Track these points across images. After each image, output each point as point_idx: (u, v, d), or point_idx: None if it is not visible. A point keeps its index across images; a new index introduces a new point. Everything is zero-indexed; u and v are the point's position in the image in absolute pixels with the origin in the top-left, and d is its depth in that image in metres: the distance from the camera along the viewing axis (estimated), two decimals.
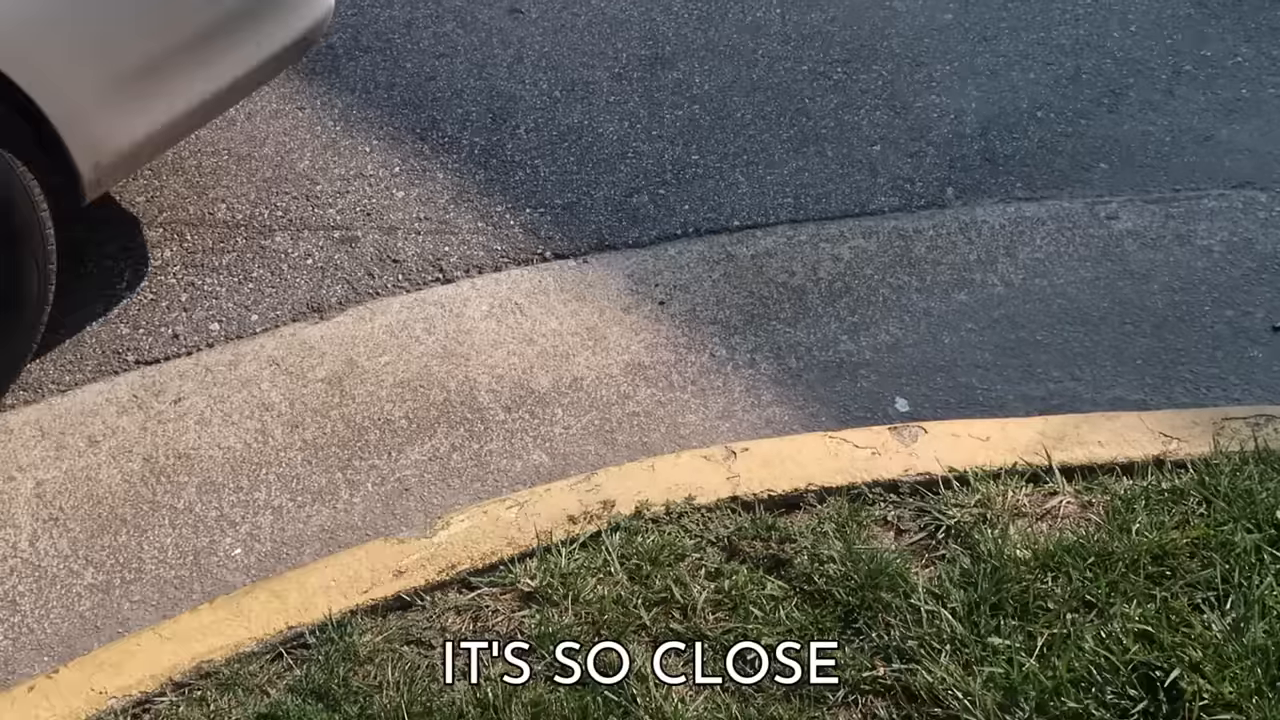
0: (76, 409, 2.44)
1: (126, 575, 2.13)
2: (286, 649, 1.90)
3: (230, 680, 1.85)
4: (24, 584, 2.11)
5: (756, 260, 2.76)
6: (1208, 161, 2.99)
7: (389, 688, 1.80)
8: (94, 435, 2.38)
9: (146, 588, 2.11)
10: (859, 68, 3.35)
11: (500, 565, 2.00)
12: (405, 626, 1.91)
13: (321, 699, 1.79)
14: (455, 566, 2.01)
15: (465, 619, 1.93)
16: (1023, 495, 2.05)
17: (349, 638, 1.88)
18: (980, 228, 2.82)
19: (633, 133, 3.15)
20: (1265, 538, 1.91)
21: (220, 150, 3.13)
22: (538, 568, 1.98)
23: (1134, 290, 2.62)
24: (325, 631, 1.91)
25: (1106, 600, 1.83)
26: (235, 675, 1.85)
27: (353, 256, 2.81)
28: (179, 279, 2.75)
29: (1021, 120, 3.15)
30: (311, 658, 1.87)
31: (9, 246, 2.20)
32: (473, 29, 3.56)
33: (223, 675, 1.86)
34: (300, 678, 1.84)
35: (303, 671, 1.85)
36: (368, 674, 1.83)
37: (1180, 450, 2.11)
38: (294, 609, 1.96)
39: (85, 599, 2.09)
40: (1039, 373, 2.44)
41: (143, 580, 2.12)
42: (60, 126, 2.15)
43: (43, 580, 2.12)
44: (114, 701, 1.83)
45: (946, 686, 1.74)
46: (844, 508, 2.04)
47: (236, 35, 2.40)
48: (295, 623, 1.93)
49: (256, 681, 1.85)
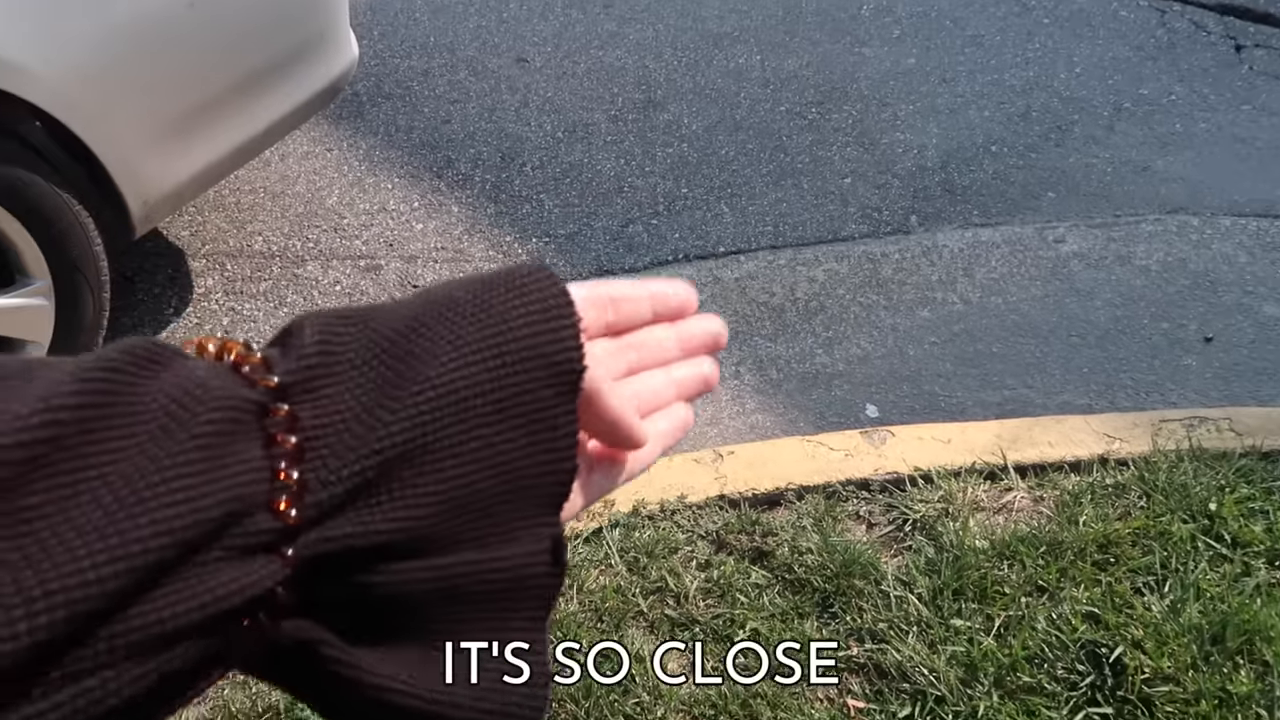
0: None
1: None
2: None
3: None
4: None
5: (740, 282, 2.78)
6: (1145, 190, 3.01)
7: None
8: None
9: None
10: (831, 108, 3.38)
11: None
12: None
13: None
14: None
15: None
16: (981, 491, 2.06)
17: None
18: (941, 251, 2.83)
19: (628, 169, 3.17)
20: (1199, 527, 1.92)
21: (257, 188, 3.14)
22: None
23: (1080, 306, 2.63)
24: None
25: (1057, 585, 1.84)
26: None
27: (377, 283, 2.82)
28: (220, 305, 2.76)
29: (977, 154, 3.17)
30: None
31: (67, 276, 2.21)
32: (483, 77, 3.58)
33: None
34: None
35: None
36: None
37: (1122, 449, 2.12)
38: None
39: None
40: (995, 381, 2.45)
41: None
42: (112, 169, 2.16)
43: None
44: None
45: (914, 664, 1.75)
46: (820, 504, 2.05)
47: (270, 85, 2.42)
48: None
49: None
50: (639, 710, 1.72)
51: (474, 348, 0.41)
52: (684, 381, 0.51)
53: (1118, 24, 3.72)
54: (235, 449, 0.35)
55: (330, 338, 0.39)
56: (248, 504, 0.35)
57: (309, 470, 0.36)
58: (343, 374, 0.39)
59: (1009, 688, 1.70)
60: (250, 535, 0.35)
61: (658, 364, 0.51)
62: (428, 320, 0.42)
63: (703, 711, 1.72)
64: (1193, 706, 1.64)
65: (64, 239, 2.17)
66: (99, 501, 0.32)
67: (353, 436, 0.38)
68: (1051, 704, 1.67)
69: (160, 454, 0.33)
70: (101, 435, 0.33)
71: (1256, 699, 1.64)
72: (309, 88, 2.51)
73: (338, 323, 0.40)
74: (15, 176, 2.07)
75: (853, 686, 1.75)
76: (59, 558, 0.30)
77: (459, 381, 0.40)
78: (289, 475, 0.36)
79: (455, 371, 0.40)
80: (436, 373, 0.40)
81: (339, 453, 0.37)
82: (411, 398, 0.39)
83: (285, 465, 0.36)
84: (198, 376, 0.36)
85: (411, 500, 0.38)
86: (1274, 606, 1.77)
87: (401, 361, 0.40)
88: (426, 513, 0.39)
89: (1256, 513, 1.95)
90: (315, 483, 0.36)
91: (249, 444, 0.36)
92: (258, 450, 0.36)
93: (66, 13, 2.01)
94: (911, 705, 1.70)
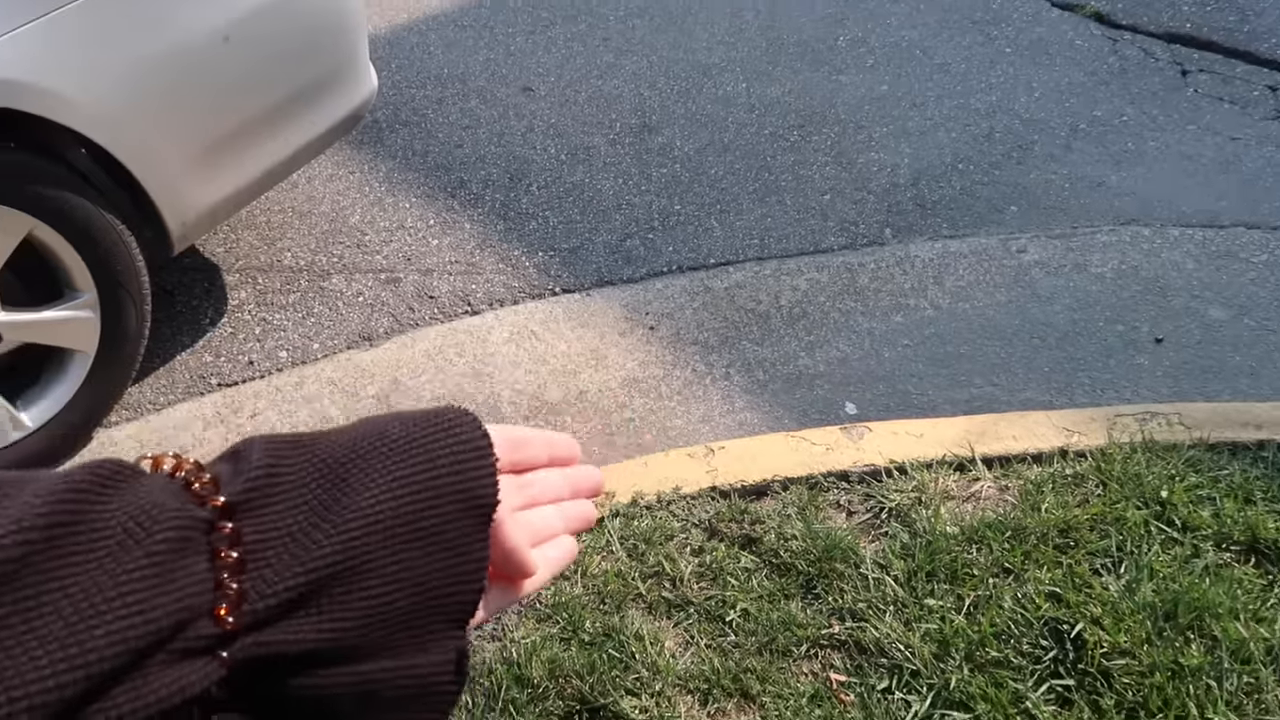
0: (169, 424, 2.45)
1: None
2: None
3: None
4: None
5: (729, 291, 2.78)
6: (1100, 203, 3.01)
7: None
8: (184, 446, 2.39)
9: None
10: (811, 131, 3.38)
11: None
12: None
13: None
14: None
15: None
16: (951, 481, 2.06)
17: None
18: (913, 261, 2.83)
19: (626, 188, 3.17)
20: (1152, 513, 1.92)
21: (285, 208, 3.14)
22: None
23: (1041, 311, 2.63)
24: None
25: (1021, 567, 1.84)
26: None
27: (396, 294, 2.82)
28: (253, 315, 2.76)
29: (946, 172, 3.17)
30: None
31: (112, 290, 2.21)
32: (492, 104, 3.58)
33: None
34: None
35: None
36: None
37: (1080, 442, 2.12)
38: None
39: None
40: (963, 380, 2.45)
41: None
42: (152, 191, 2.16)
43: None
44: None
45: (891, 640, 1.75)
46: (804, 494, 2.05)
47: (297, 114, 2.42)
48: None
49: None
50: (639, 684, 1.71)
51: (402, 482, 0.43)
52: (571, 517, 0.55)
53: (1073, 52, 3.72)
54: (184, 563, 0.37)
55: (275, 461, 0.42)
56: (193, 612, 0.37)
57: (248, 582, 0.38)
58: (283, 496, 0.41)
59: (978, 662, 1.70)
60: (192, 640, 0.36)
61: (550, 500, 0.54)
62: (364, 451, 0.44)
63: (697, 685, 1.72)
64: (1148, 678, 1.64)
65: (109, 256, 2.17)
66: (61, 614, 0.33)
67: (289, 555, 0.39)
68: (1018, 676, 1.67)
69: (117, 569, 0.35)
70: (67, 552, 0.34)
71: (1206, 670, 1.64)
72: (332, 116, 2.52)
73: (284, 447, 0.43)
74: (63, 199, 2.07)
75: (835, 662, 1.75)
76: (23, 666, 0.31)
77: (386, 511, 0.42)
78: (229, 586, 0.38)
79: (384, 503, 0.42)
80: (368, 502, 0.42)
81: (276, 568, 0.39)
82: (345, 523, 0.41)
83: (227, 577, 0.38)
84: (154, 497, 0.38)
85: (338, 615, 0.40)
86: (1221, 586, 1.77)
87: (338, 488, 0.42)
88: (351, 626, 0.40)
89: (1204, 500, 1.94)
90: (253, 593, 0.38)
91: (196, 558, 0.37)
92: (203, 564, 0.38)
93: (111, 48, 2.01)
94: (889, 678, 1.70)
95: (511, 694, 1.71)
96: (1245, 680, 1.63)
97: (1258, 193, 3.00)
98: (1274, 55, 3.59)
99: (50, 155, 2.07)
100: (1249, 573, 1.81)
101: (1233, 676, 1.63)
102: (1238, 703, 1.60)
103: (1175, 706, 1.60)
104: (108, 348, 2.27)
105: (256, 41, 2.25)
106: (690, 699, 1.71)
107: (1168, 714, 1.59)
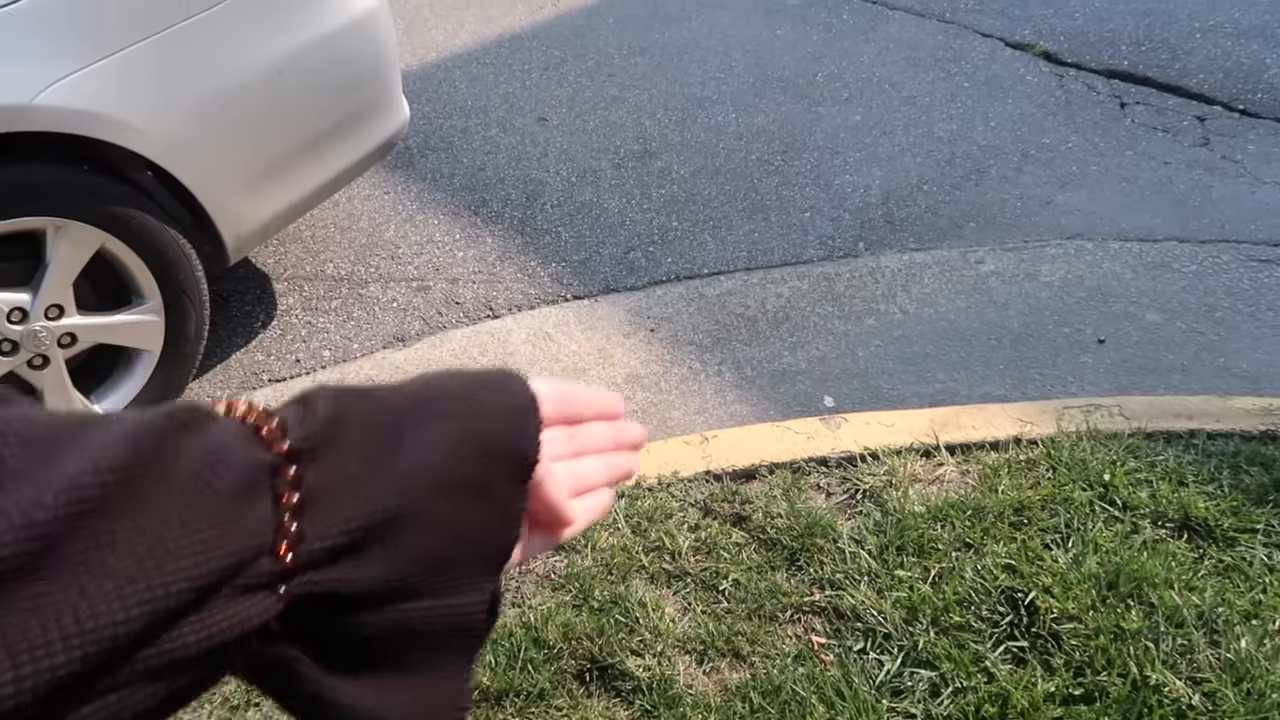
0: None
1: None
2: None
3: None
4: None
5: (721, 298, 2.77)
6: (1049, 220, 3.01)
7: None
8: None
9: None
10: (793, 156, 3.37)
11: None
12: None
13: None
14: None
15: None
16: (918, 466, 2.06)
17: None
18: (884, 271, 2.83)
19: (629, 206, 3.17)
20: (1096, 494, 1.92)
21: (328, 224, 3.14)
22: None
23: (997, 315, 2.63)
24: None
25: (981, 542, 1.84)
26: None
27: (427, 300, 2.82)
28: (299, 319, 2.76)
29: (912, 192, 3.17)
30: None
31: (174, 297, 2.21)
32: (511, 132, 3.57)
33: None
34: None
35: None
36: None
37: (1032, 431, 2.12)
38: None
39: None
40: (929, 376, 2.45)
41: None
42: (211, 210, 2.16)
43: None
44: None
45: (865, 607, 1.74)
46: (788, 478, 2.04)
47: (339, 141, 2.42)
48: None
49: None
50: (642, 646, 1.71)
51: (453, 438, 0.42)
52: (615, 467, 0.54)
53: (1024, 87, 3.71)
54: (249, 505, 0.36)
55: (339, 411, 0.40)
56: (256, 551, 0.36)
57: (307, 523, 0.37)
58: (344, 444, 0.40)
59: (943, 626, 1.70)
60: (253, 577, 0.35)
61: (595, 451, 0.53)
62: (421, 406, 0.43)
63: (694, 646, 1.71)
64: (1093, 640, 1.64)
65: (172, 267, 2.17)
66: (134, 552, 0.32)
67: (346, 501, 0.38)
68: (978, 639, 1.67)
69: (187, 510, 0.34)
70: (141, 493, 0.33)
71: (1144, 633, 1.64)
72: (370, 143, 2.51)
73: (349, 397, 0.42)
74: (132, 216, 2.07)
75: (816, 626, 1.74)
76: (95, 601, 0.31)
77: (438, 465, 0.41)
78: (290, 527, 0.37)
79: (437, 457, 0.41)
80: (421, 456, 0.41)
81: (335, 513, 0.38)
82: (399, 475, 0.40)
83: (288, 518, 0.37)
84: (224, 440, 0.37)
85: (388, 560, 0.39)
86: (1157, 559, 1.76)
87: (394, 440, 0.41)
88: (399, 570, 0.40)
89: (1142, 482, 1.94)
90: (311, 535, 0.37)
91: (261, 501, 0.36)
92: (267, 505, 0.37)
93: (174, 83, 2.01)
94: (864, 640, 1.70)
95: (530, 654, 1.71)
96: (1179, 642, 1.62)
97: (1188, 211, 3.00)
98: (1201, 89, 3.59)
99: (120, 177, 2.06)
100: (1182, 547, 1.81)
101: (1168, 639, 1.63)
102: (1173, 662, 1.60)
103: (1118, 665, 1.59)
104: (171, 348, 2.26)
105: (304, 77, 2.25)
106: (688, 659, 1.71)
107: (1111, 672, 1.59)
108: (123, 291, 2.18)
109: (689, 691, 1.64)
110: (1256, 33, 3.90)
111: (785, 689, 1.62)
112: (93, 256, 2.06)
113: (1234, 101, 3.51)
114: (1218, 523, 1.83)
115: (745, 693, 1.63)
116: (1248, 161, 3.21)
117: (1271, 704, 1.51)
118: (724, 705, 1.61)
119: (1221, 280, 2.69)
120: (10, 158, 1.90)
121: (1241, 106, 3.48)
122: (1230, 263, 2.75)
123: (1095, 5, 4.21)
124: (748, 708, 1.60)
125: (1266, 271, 2.71)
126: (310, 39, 2.24)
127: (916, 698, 1.60)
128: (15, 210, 1.91)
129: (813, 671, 1.65)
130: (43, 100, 1.81)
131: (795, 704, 1.60)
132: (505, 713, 1.64)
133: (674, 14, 4.38)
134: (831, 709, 1.59)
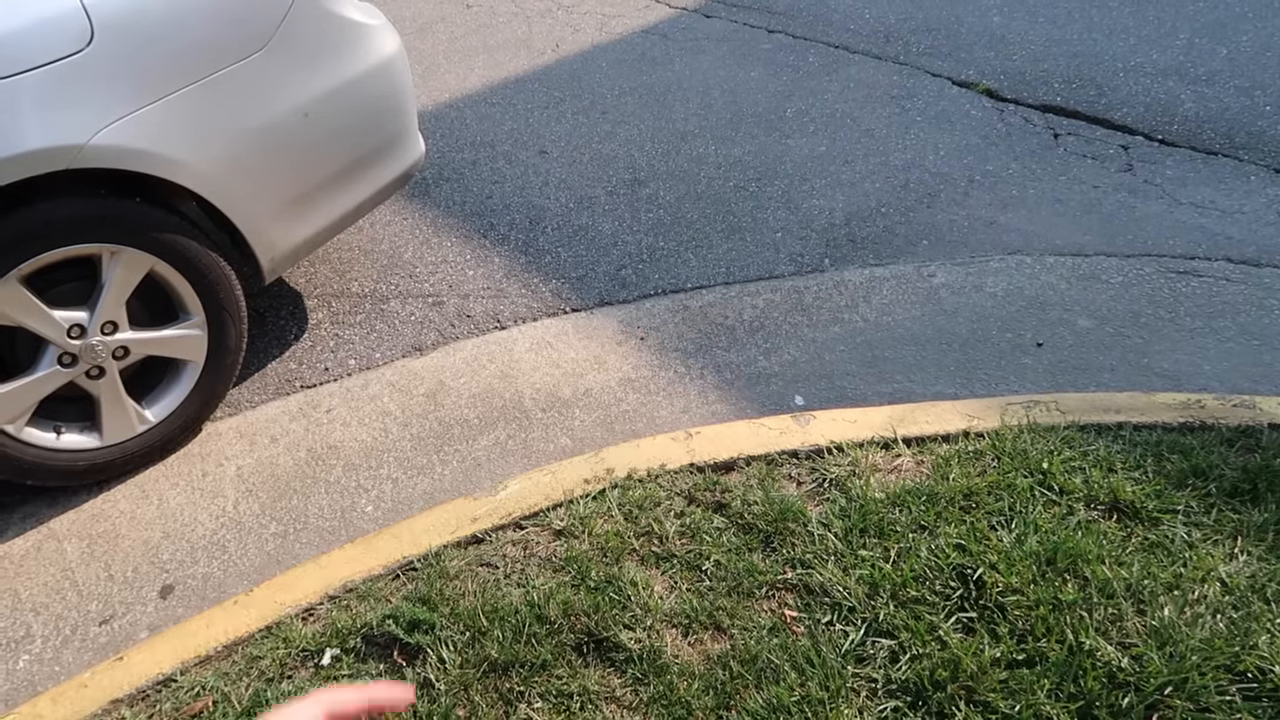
0: (262, 418, 2.43)
1: (297, 526, 2.12)
2: (401, 572, 1.90)
3: (365, 593, 1.84)
4: (230, 534, 2.11)
5: (703, 309, 2.77)
6: (992, 238, 3.01)
7: (469, 594, 1.80)
8: (274, 435, 2.37)
9: (310, 534, 2.10)
10: (766, 183, 3.38)
11: (540, 512, 2.00)
12: (479, 554, 1.91)
13: (425, 603, 1.78)
14: (511, 514, 2.00)
15: (518, 549, 1.92)
16: (878, 457, 2.06)
17: (442, 563, 1.88)
18: (847, 284, 2.83)
19: (621, 229, 3.16)
20: (1036, 481, 1.92)
21: (353, 246, 3.13)
22: (565, 513, 1.98)
23: (947, 322, 2.63)
24: (426, 559, 1.90)
25: (934, 524, 1.84)
26: (368, 590, 1.85)
27: (441, 314, 2.81)
28: (328, 332, 2.75)
29: (872, 214, 3.17)
30: (418, 576, 1.87)
31: (216, 313, 2.20)
32: (515, 164, 3.57)
33: (360, 590, 1.85)
34: (411, 590, 1.84)
35: (413, 586, 1.85)
36: (455, 586, 1.83)
37: (980, 425, 2.12)
38: (406, 545, 1.96)
39: (270, 543, 2.08)
40: (888, 377, 2.45)
41: (308, 529, 2.11)
42: (248, 235, 2.15)
43: (242, 531, 2.11)
44: (288, 609, 1.83)
45: (832, 583, 1.74)
46: (763, 469, 2.04)
47: (362, 173, 2.42)
48: (407, 554, 1.93)
49: (382, 593, 1.85)
50: (634, 620, 1.71)
51: None
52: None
53: (969, 120, 3.73)
54: None
55: None
56: None
57: None
58: None
59: (901, 599, 1.70)
60: None
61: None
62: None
63: (680, 620, 1.71)
64: (1034, 610, 1.64)
65: (214, 286, 2.16)
66: None
67: None
68: (932, 611, 1.67)
69: None
70: None
71: (1079, 604, 1.64)
72: (390, 174, 2.51)
73: None
74: (178, 242, 2.06)
75: (788, 601, 1.74)
76: None
77: None
78: None
79: None
80: None
81: None
82: None
83: None
84: None
85: None
86: (1090, 537, 1.76)
87: None
88: None
89: (1076, 469, 1.95)
90: None
91: None
92: None
93: (214, 123, 2.00)
94: (831, 614, 1.70)
95: (533, 629, 1.70)
96: (1110, 611, 1.63)
97: (1114, 228, 3.01)
98: (1125, 121, 3.60)
99: (168, 207, 2.05)
100: (1111, 526, 1.81)
101: (1100, 608, 1.63)
102: (1104, 629, 1.60)
103: (1056, 633, 1.59)
104: (214, 359, 2.26)
105: (330, 117, 2.24)
106: (675, 631, 1.70)
107: (1050, 639, 1.59)
108: (170, 309, 2.17)
109: (676, 661, 1.63)
110: (1173, 71, 3.92)
111: (761, 657, 1.62)
112: (143, 278, 2.05)
113: (1154, 132, 3.53)
114: (1143, 505, 1.83)
115: (726, 661, 1.62)
116: (1166, 185, 3.22)
117: (1191, 665, 1.51)
118: (707, 673, 1.61)
119: (1145, 290, 2.70)
120: (70, 191, 1.89)
121: (1160, 136, 3.50)
122: (1152, 274, 2.76)
123: (1032, 48, 4.22)
124: (728, 674, 1.60)
125: (1184, 282, 2.72)
126: (337, 83, 2.24)
127: (878, 664, 1.60)
128: (75, 238, 1.90)
129: (786, 641, 1.64)
130: (98, 141, 1.80)
131: (770, 671, 1.60)
132: (511, 681, 1.63)
133: (659, 59, 4.39)
134: (802, 675, 1.58)
